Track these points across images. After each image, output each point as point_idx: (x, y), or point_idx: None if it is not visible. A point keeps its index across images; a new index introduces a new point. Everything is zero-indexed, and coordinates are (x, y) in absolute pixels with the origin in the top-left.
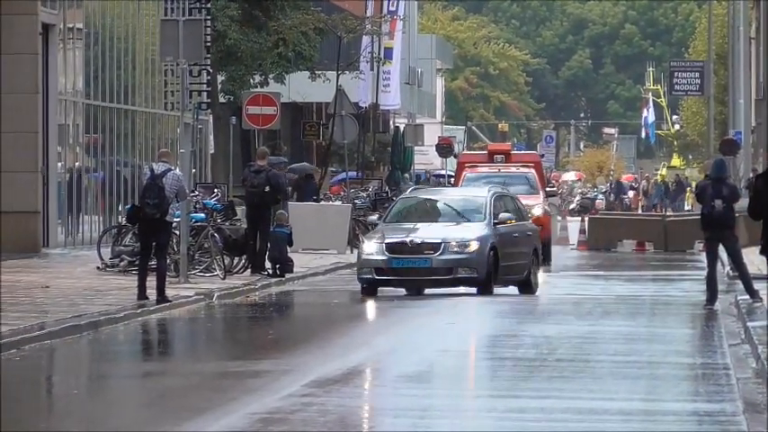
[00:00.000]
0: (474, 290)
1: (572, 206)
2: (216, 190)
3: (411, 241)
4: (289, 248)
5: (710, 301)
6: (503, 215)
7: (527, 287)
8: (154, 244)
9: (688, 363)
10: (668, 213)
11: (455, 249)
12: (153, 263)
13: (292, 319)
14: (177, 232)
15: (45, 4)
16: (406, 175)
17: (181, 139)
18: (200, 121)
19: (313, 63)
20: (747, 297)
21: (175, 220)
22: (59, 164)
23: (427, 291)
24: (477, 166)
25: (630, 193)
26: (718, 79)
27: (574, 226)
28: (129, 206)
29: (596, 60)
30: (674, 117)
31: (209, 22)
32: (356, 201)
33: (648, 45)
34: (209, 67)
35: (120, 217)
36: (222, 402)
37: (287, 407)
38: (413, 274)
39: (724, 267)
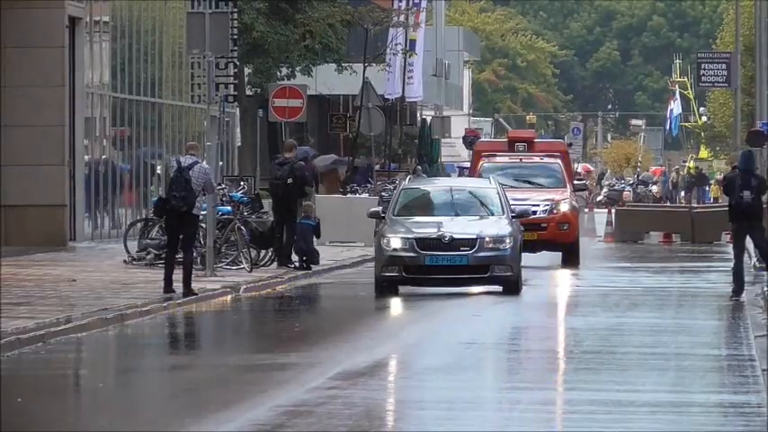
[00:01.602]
0: (500, 288)
1: (599, 198)
2: (242, 183)
3: (444, 236)
4: (316, 240)
5: (737, 292)
6: (520, 208)
7: (515, 287)
8: (180, 237)
9: (714, 354)
10: (695, 205)
11: (490, 246)
12: (180, 256)
13: (319, 311)
14: (204, 225)
15: None
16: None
17: (207, 131)
18: (227, 114)
19: (340, 55)
20: None
21: (202, 213)
22: (86, 157)
23: (456, 290)
24: (495, 156)
25: (653, 188)
26: (745, 71)
27: (600, 218)
28: (155, 199)
29: (624, 52)
30: (702, 109)
31: (235, 15)
32: (383, 193)
33: (676, 37)
34: (235, 60)
35: (147, 210)
36: (248, 395)
37: (312, 399)
38: (448, 272)
39: (750, 259)
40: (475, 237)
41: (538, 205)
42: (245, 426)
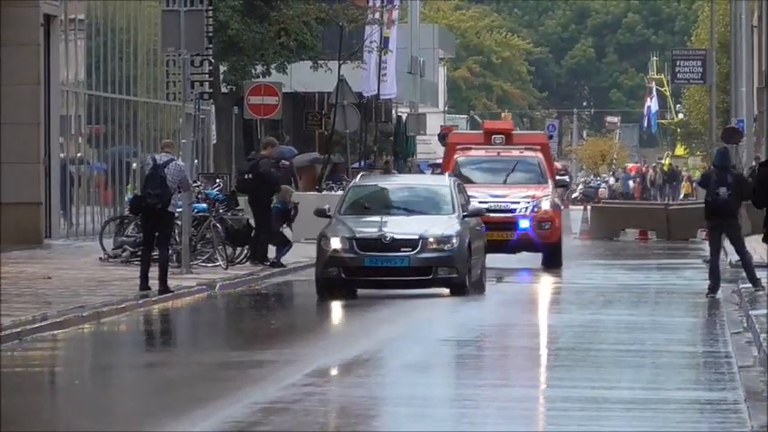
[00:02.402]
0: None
1: (574, 195)
2: (218, 180)
3: (385, 237)
4: (288, 227)
5: (713, 289)
6: (474, 206)
7: (479, 286)
8: (156, 234)
9: (690, 351)
10: (671, 202)
11: (434, 246)
12: (155, 253)
13: (294, 309)
14: (179, 223)
15: None
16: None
17: (183, 129)
18: (202, 112)
19: (315, 53)
20: (749, 285)
21: (178, 210)
22: (61, 155)
23: (400, 292)
24: (470, 149)
25: (630, 183)
26: (720, 68)
27: (576, 215)
28: (130, 196)
29: (599, 49)
30: (678, 106)
31: (210, 13)
32: None
33: (651, 34)
34: (210, 58)
35: (123, 208)
36: (224, 392)
37: (288, 396)
38: (388, 274)
39: (727, 256)
40: (417, 237)
41: (518, 202)
42: (221, 423)
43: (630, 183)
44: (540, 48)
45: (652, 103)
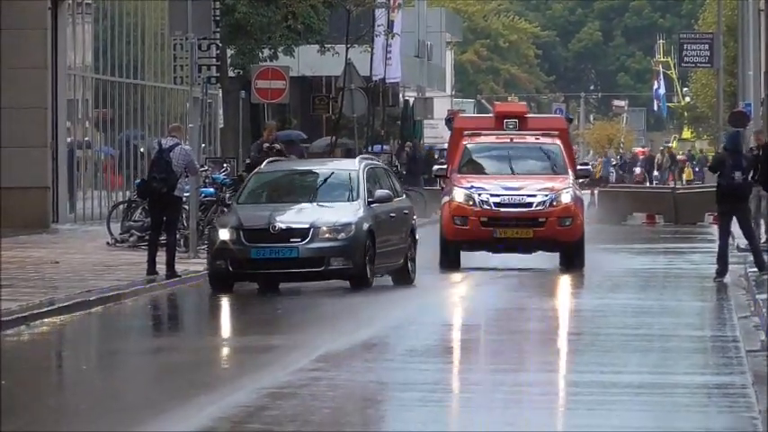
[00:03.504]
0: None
1: (581, 180)
2: (225, 165)
3: (273, 227)
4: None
5: (721, 273)
6: (379, 192)
7: (404, 276)
8: (164, 219)
9: (698, 335)
10: (678, 186)
11: (326, 236)
12: (163, 238)
13: (301, 294)
14: (187, 207)
15: None
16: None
17: (190, 113)
18: (210, 96)
19: (322, 36)
20: (756, 270)
21: (185, 195)
22: (69, 139)
23: (289, 285)
24: (479, 135)
25: (636, 170)
26: (727, 51)
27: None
28: (138, 181)
29: (606, 33)
30: (685, 89)
31: None
32: None
33: (658, 17)
34: (217, 41)
35: (130, 192)
36: (231, 377)
37: (296, 381)
38: (276, 267)
39: (734, 240)
40: (307, 226)
41: (534, 195)
42: (229, 408)
43: (637, 169)
44: (548, 31)
45: (660, 86)
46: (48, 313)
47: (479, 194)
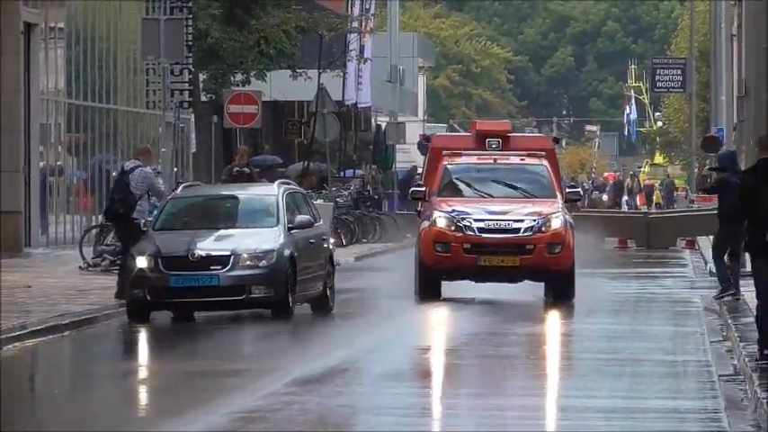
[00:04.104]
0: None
1: None
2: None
3: (193, 254)
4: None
5: (734, 294)
6: (300, 218)
7: (323, 303)
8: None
9: (670, 360)
10: (651, 211)
11: (247, 263)
12: None
13: (272, 317)
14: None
15: (27, 4)
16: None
17: (162, 137)
18: (182, 120)
19: (294, 61)
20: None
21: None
22: (41, 163)
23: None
24: (460, 155)
25: (604, 196)
26: (700, 76)
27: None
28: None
29: (578, 58)
30: (657, 114)
31: (190, 21)
32: (338, 199)
33: (631, 42)
34: (190, 66)
35: (102, 216)
36: (203, 401)
37: (267, 406)
38: (196, 295)
39: (706, 264)
40: (228, 254)
41: (521, 221)
42: None
43: (604, 195)
44: (520, 56)
45: (631, 111)
46: (20, 337)
47: (462, 219)
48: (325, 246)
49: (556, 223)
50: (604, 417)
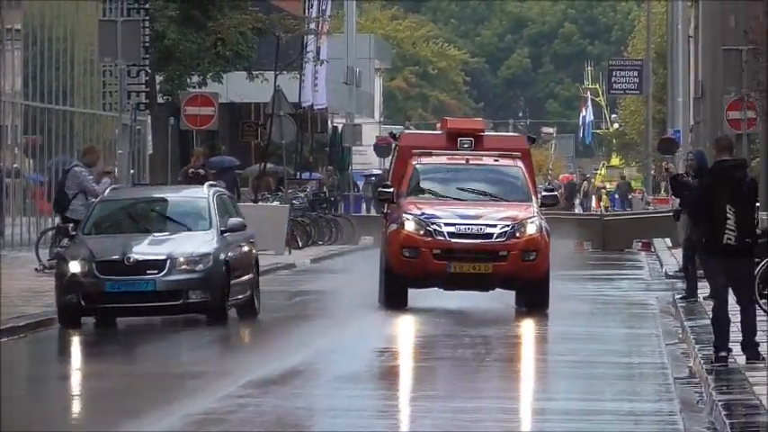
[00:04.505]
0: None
1: None
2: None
3: (128, 258)
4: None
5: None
6: (232, 221)
7: (250, 308)
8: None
9: (625, 362)
10: (606, 213)
11: (184, 267)
12: None
13: (229, 320)
14: None
15: None
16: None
17: (119, 139)
18: (139, 122)
19: (251, 63)
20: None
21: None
22: None
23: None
24: (430, 155)
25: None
26: (656, 78)
27: None
28: None
29: (535, 59)
30: (613, 116)
31: (147, 23)
32: (294, 201)
33: (588, 44)
34: (147, 68)
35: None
36: (159, 404)
37: (224, 408)
38: (132, 300)
39: (662, 266)
40: (164, 257)
41: (494, 225)
42: None
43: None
44: (477, 58)
45: (587, 114)
46: None
47: (432, 223)
48: (253, 250)
49: (531, 229)
50: (560, 419)
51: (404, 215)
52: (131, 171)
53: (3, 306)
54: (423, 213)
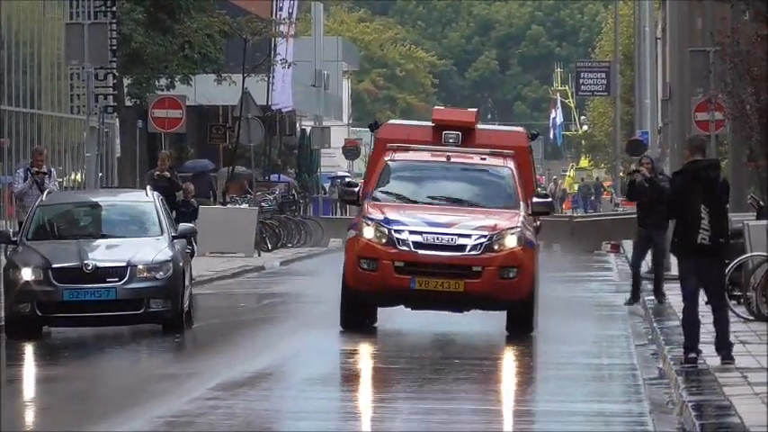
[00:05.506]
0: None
1: None
2: None
3: (87, 265)
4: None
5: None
6: (183, 227)
7: (175, 323)
8: None
9: (595, 363)
10: (576, 214)
11: (144, 275)
12: None
13: (199, 322)
14: None
15: None
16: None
17: (87, 142)
18: (107, 125)
19: (219, 66)
20: (653, 298)
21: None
22: None
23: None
24: (408, 150)
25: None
26: (624, 79)
27: None
28: None
29: (503, 61)
30: (582, 118)
31: (114, 26)
32: (263, 203)
33: (555, 45)
34: (114, 71)
35: None
36: (127, 406)
37: (193, 410)
38: (93, 309)
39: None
40: (125, 264)
41: (468, 236)
42: None
43: None
44: (444, 60)
45: (557, 115)
46: None
47: (395, 230)
48: (189, 257)
49: (510, 241)
50: (530, 420)
51: (363, 220)
52: (100, 174)
53: None
54: (385, 218)
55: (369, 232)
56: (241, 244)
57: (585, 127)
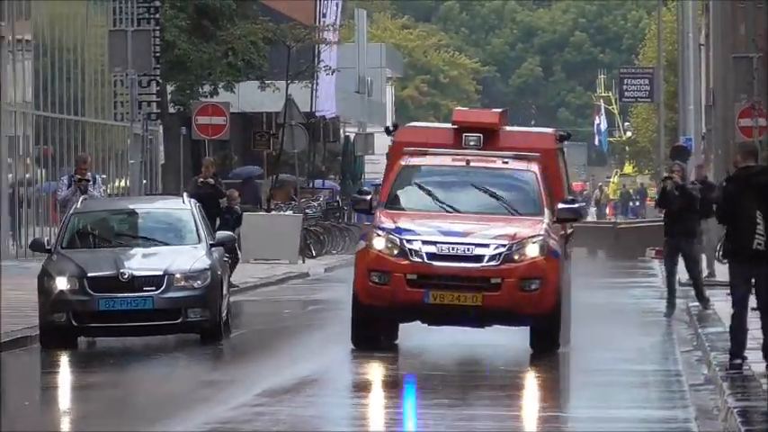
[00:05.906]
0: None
1: None
2: None
3: (123, 274)
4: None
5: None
6: (221, 235)
7: (215, 334)
8: None
9: (639, 370)
10: (620, 221)
11: (182, 284)
12: None
13: (243, 329)
14: None
15: None
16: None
17: (131, 149)
18: (150, 132)
19: (262, 72)
20: (698, 304)
21: None
22: (10, 176)
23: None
24: (425, 154)
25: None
26: (667, 86)
27: None
28: None
29: (546, 68)
30: (626, 124)
31: (157, 33)
32: (307, 210)
33: (598, 52)
34: (158, 78)
35: None
36: (173, 412)
37: (238, 417)
38: (129, 319)
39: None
40: (162, 273)
41: (486, 246)
42: None
43: None
44: (488, 66)
45: (601, 121)
46: None
47: (408, 241)
48: (226, 264)
49: (532, 251)
50: (572, 427)
51: (374, 230)
52: (144, 181)
53: (16, 317)
54: (396, 228)
55: (379, 243)
56: (285, 251)
57: (629, 133)
